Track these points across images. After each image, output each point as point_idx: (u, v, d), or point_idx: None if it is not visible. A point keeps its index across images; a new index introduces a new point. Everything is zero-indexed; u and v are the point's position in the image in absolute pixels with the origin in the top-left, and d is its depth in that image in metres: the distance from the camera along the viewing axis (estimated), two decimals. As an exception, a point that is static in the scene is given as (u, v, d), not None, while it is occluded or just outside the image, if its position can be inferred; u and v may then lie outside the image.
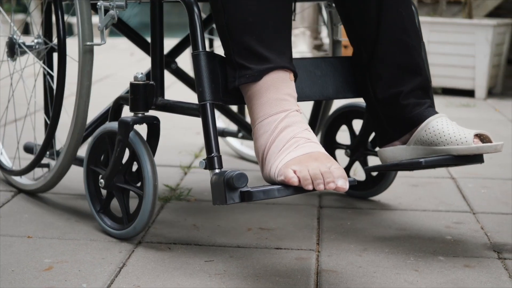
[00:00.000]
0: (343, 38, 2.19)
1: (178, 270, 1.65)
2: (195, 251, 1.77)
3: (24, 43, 2.12)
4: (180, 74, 2.33)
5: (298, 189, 1.55)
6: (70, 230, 1.89)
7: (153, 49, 1.83)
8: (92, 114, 2.11)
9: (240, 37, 1.65)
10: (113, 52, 6.51)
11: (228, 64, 1.68)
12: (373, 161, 2.22)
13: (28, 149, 2.26)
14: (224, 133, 2.69)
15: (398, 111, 1.83)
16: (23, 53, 2.13)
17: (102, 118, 2.15)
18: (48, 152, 2.10)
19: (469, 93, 4.46)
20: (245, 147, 2.76)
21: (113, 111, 1.92)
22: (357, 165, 2.33)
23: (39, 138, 2.24)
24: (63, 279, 1.58)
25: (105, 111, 2.16)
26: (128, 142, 1.77)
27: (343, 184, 1.54)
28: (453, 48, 4.41)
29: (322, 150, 1.61)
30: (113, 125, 1.82)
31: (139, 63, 5.67)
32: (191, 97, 2.67)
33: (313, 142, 1.62)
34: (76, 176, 2.31)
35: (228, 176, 1.51)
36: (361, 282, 1.60)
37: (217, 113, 2.73)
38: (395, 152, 1.85)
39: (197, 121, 2.01)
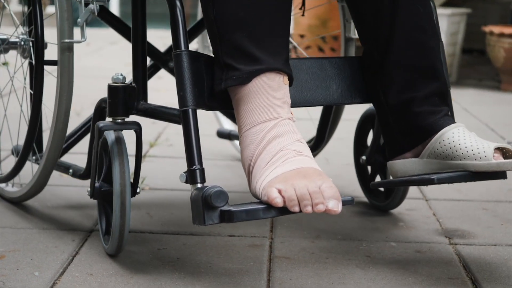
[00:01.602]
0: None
1: (131, 258, 1.65)
2: (149, 239, 1.77)
3: (8, 40, 1.92)
4: None
5: (283, 210, 1.40)
6: (23, 219, 1.88)
7: (134, 47, 1.68)
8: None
9: (229, 33, 1.49)
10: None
11: (215, 64, 1.52)
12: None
13: (17, 152, 2.06)
14: (231, 136, 2.52)
15: (411, 120, 1.66)
16: (7, 50, 1.93)
17: (87, 126, 1.99)
18: (34, 157, 1.96)
19: (425, 82, 4.49)
20: None
21: (97, 115, 1.75)
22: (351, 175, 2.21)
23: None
24: (15, 267, 1.57)
25: (89, 118, 1.98)
26: (107, 150, 1.62)
27: (334, 206, 1.38)
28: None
29: (314, 165, 1.46)
30: None
31: (95, 53, 5.63)
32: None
33: (304, 156, 1.46)
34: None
35: (206, 194, 1.38)
36: (313, 268, 1.61)
37: (222, 116, 2.59)
38: (407, 165, 1.67)
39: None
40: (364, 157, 1.99)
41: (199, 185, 1.43)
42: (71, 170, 1.88)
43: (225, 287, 1.51)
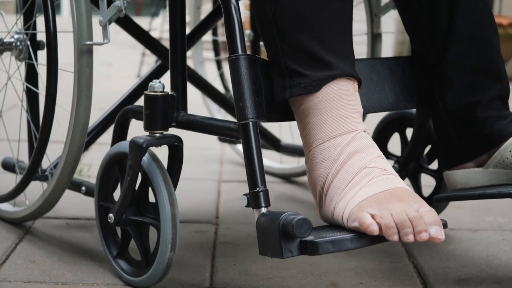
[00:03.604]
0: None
1: (75, 245, 1.64)
2: (94, 226, 1.76)
3: (2, 40, 1.73)
4: (188, 75, 1.82)
5: (377, 239, 1.23)
6: (-35, 207, 1.86)
7: (172, 52, 1.49)
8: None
9: (293, 34, 1.30)
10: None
11: (274, 70, 1.34)
12: (427, 180, 1.89)
13: (7, 166, 1.90)
14: (236, 141, 2.29)
15: (475, 126, 1.48)
16: (1, 51, 1.75)
17: (97, 129, 1.86)
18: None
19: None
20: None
21: (118, 128, 1.55)
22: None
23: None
24: (-45, 257, 1.56)
25: (98, 123, 1.84)
26: (142, 169, 1.42)
27: (438, 233, 1.21)
28: (357, 24, 4.46)
29: (405, 185, 1.29)
30: (123, 146, 1.47)
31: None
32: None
33: (391, 174, 1.30)
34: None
35: (286, 222, 1.18)
36: (256, 252, 1.61)
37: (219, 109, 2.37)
38: (468, 176, 1.50)
39: (102, 95, 1.95)
40: (397, 165, 1.80)
41: (263, 210, 1.26)
42: (83, 188, 1.69)
43: (170, 273, 1.51)
